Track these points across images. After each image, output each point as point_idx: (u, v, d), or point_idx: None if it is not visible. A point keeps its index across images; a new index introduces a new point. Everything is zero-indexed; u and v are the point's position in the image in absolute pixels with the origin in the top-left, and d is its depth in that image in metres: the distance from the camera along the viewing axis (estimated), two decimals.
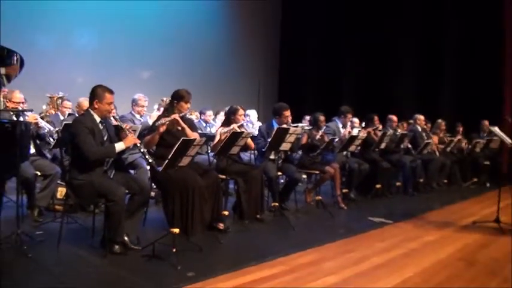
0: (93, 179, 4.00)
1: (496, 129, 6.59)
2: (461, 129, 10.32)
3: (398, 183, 8.34)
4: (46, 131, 5.36)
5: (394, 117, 8.69)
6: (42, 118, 5.38)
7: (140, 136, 5.14)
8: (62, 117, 6.45)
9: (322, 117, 6.97)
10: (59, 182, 5.25)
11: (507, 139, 6.54)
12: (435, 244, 4.97)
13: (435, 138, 9.40)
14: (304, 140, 6.68)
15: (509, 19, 12.04)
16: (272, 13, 14.56)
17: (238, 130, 5.27)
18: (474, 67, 12.10)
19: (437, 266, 4.18)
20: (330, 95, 13.16)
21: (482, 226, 5.87)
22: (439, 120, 10.00)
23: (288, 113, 6.23)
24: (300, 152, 6.98)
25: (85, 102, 5.76)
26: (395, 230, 5.55)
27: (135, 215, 4.22)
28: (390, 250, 4.61)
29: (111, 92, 4.16)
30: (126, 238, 4.06)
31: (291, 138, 5.64)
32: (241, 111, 5.78)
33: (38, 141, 5.36)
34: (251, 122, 8.31)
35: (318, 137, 6.71)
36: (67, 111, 6.64)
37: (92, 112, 4.15)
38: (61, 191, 5.33)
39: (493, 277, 3.93)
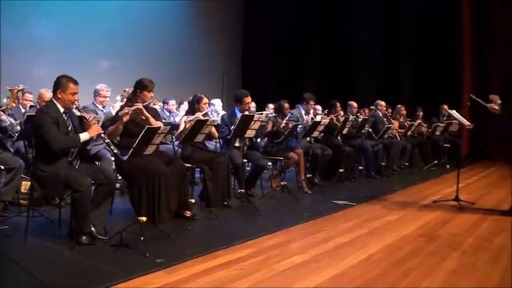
0: (59, 170, 3.97)
1: (454, 112, 6.83)
2: (421, 113, 10.59)
3: (361, 167, 8.56)
4: (8, 124, 5.25)
5: (355, 103, 8.87)
6: (3, 112, 5.25)
7: (103, 127, 5.08)
8: (23, 110, 6.32)
9: (286, 105, 7.07)
10: (23, 175, 5.16)
11: (465, 121, 6.78)
12: (397, 223, 5.15)
13: (396, 123, 9.64)
14: (269, 127, 6.77)
15: (468, 7, 12.41)
16: (235, 2, 14.55)
17: (203, 118, 5.30)
18: (433, 53, 12.45)
19: (400, 242, 4.34)
20: (292, 82, 13.28)
21: (443, 205, 6.10)
22: (399, 106, 10.24)
23: (248, 99, 6.28)
24: (265, 140, 7.07)
25: (46, 94, 5.67)
26: (358, 211, 5.69)
27: (101, 206, 4.20)
28: (354, 230, 4.75)
29: (75, 82, 4.13)
30: (93, 229, 4.04)
31: (255, 125, 5.71)
32: (205, 100, 5.79)
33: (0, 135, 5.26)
34: (216, 111, 8.33)
35: (283, 124, 6.79)
36: (28, 104, 6.51)
37: (55, 102, 4.10)
38: (25, 185, 5.23)
39: (452, 250, 4.10)
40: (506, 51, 11.72)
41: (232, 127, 5.81)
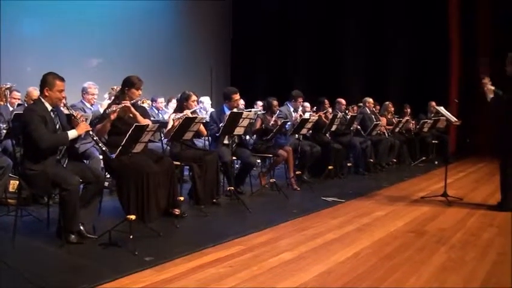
0: (47, 169, 3.94)
1: (441, 108, 6.88)
2: (409, 110, 10.69)
3: (349, 164, 8.63)
4: None
5: (343, 101, 8.92)
6: None
7: (91, 125, 5.06)
8: (11, 108, 6.27)
9: (275, 102, 7.09)
10: (10, 174, 5.12)
11: (452, 117, 6.83)
12: (386, 218, 5.18)
13: (383, 120, 9.71)
14: (258, 125, 6.79)
15: (455, 4, 12.49)
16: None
17: (191, 116, 5.29)
18: (421, 50, 12.53)
19: (388, 238, 4.37)
20: (280, 80, 13.30)
21: (431, 200, 6.16)
22: (387, 103, 10.31)
23: (237, 96, 6.28)
24: (254, 137, 7.07)
25: (34, 92, 5.63)
26: (347, 208, 5.72)
27: (90, 204, 4.19)
28: (343, 226, 4.78)
29: (61, 79, 4.10)
30: (81, 227, 4.02)
31: (244, 123, 5.71)
32: (193, 97, 5.79)
33: None
34: (204, 108, 8.32)
35: (271, 122, 6.80)
36: (16, 102, 6.46)
37: (43, 100, 4.07)
38: (13, 184, 5.19)
39: (440, 245, 4.14)
40: (493, 47, 11.81)
41: (221, 124, 5.81)
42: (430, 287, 3.18)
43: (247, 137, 7.12)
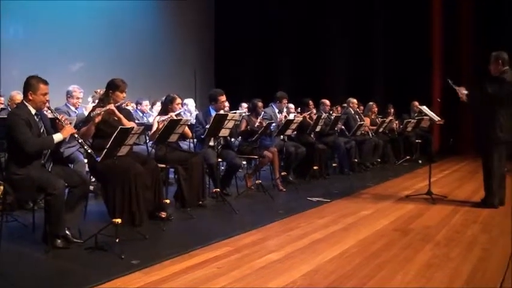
0: (32, 173, 3.91)
1: (424, 107, 6.96)
2: (392, 110, 10.78)
3: (334, 164, 8.70)
4: None
5: (327, 101, 8.99)
6: None
7: (76, 128, 5.03)
8: None
9: (260, 104, 7.11)
10: None
11: (435, 116, 6.91)
12: (371, 217, 5.23)
13: (367, 120, 9.79)
14: (243, 126, 6.80)
15: (438, 5, 12.65)
16: (207, 1, 14.52)
17: (176, 118, 5.28)
18: (404, 51, 12.65)
19: (374, 237, 4.41)
20: (265, 81, 13.33)
21: (416, 199, 6.22)
22: (371, 103, 10.39)
23: (223, 98, 6.30)
24: (240, 139, 7.09)
25: (17, 96, 5.58)
26: (333, 208, 5.76)
27: (75, 208, 4.17)
28: (329, 226, 4.80)
29: (45, 82, 4.06)
30: (67, 232, 4.00)
31: (229, 124, 5.72)
32: (178, 100, 5.78)
33: None
34: (189, 111, 8.31)
35: (257, 123, 6.81)
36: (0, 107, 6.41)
37: (26, 104, 4.03)
38: None
39: (426, 243, 4.19)
40: (476, 47, 11.98)
41: (206, 126, 5.81)
42: (416, 284, 3.21)
43: (233, 139, 7.13)
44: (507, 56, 5.62)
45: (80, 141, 4.17)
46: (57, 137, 4.05)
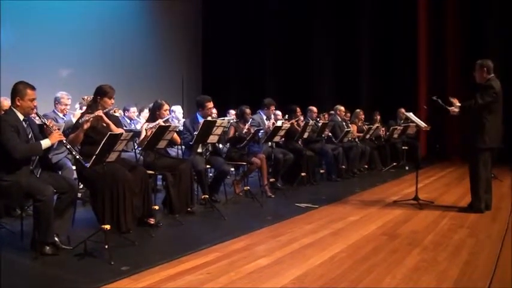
0: (20, 179, 3.88)
1: (411, 114, 7.03)
2: (379, 117, 10.87)
3: (322, 171, 8.74)
4: None
5: (314, 108, 9.06)
6: None
7: (64, 135, 5.01)
8: None
9: (248, 110, 7.13)
10: None
11: (422, 123, 6.98)
12: (359, 223, 5.26)
13: (354, 127, 9.87)
14: (231, 133, 6.82)
15: (424, 13, 12.81)
16: (193, 8, 14.59)
17: (164, 125, 5.28)
18: (390, 58, 12.80)
19: (362, 241, 4.44)
20: (252, 88, 13.38)
21: (403, 204, 6.27)
22: (357, 110, 10.47)
23: (210, 104, 6.32)
24: (228, 145, 7.10)
25: (5, 102, 5.54)
26: (321, 213, 5.78)
27: (64, 215, 4.14)
28: (318, 231, 4.83)
29: (32, 88, 4.05)
30: (56, 239, 3.97)
31: (218, 131, 5.74)
32: (166, 106, 5.77)
33: None
34: (177, 117, 8.30)
35: (245, 130, 6.84)
36: None
37: (14, 110, 4.02)
38: None
39: (413, 247, 4.23)
40: (462, 54, 12.14)
41: (194, 133, 5.82)
42: (405, 287, 3.25)
43: (221, 145, 7.14)
44: (492, 63, 5.71)
45: (68, 147, 4.17)
46: (46, 143, 4.04)
